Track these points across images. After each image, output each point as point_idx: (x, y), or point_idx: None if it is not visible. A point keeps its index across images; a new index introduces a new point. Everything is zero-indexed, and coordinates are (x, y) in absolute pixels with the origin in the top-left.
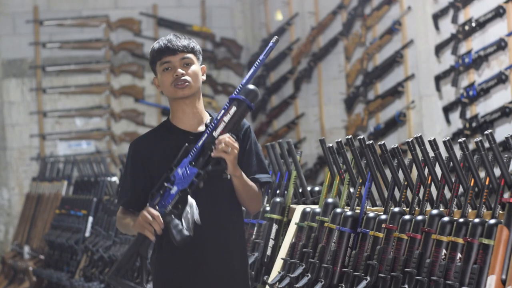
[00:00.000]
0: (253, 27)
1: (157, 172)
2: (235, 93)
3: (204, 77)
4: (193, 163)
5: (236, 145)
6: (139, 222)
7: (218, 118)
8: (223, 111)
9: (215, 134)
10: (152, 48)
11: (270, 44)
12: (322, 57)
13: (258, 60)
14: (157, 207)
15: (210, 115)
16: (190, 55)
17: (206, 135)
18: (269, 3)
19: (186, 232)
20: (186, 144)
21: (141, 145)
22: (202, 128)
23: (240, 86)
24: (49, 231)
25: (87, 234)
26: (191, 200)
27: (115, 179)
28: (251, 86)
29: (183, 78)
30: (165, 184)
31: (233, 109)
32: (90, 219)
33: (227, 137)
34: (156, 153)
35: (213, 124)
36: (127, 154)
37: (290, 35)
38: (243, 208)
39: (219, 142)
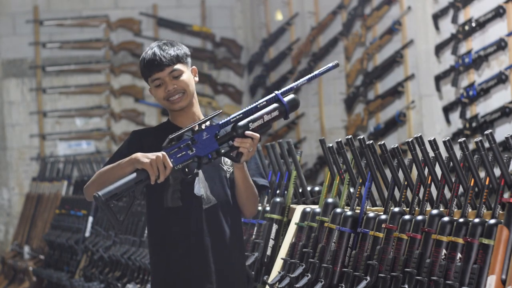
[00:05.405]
0: (253, 27)
1: None
2: (282, 93)
3: (196, 79)
4: (218, 136)
5: (255, 150)
6: (151, 160)
7: (260, 110)
8: (265, 102)
9: (251, 125)
10: (140, 62)
11: (330, 65)
12: (322, 57)
13: (314, 74)
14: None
15: (204, 116)
16: (178, 66)
17: (242, 114)
18: (269, 3)
19: (179, 202)
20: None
21: (143, 137)
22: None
23: (289, 88)
24: (49, 231)
25: (87, 234)
26: (201, 174)
27: None
28: (297, 98)
29: (175, 92)
30: (187, 136)
31: (275, 113)
32: (90, 219)
33: (257, 139)
34: (157, 150)
35: (251, 111)
36: (127, 139)
37: (290, 35)
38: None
39: (248, 136)
